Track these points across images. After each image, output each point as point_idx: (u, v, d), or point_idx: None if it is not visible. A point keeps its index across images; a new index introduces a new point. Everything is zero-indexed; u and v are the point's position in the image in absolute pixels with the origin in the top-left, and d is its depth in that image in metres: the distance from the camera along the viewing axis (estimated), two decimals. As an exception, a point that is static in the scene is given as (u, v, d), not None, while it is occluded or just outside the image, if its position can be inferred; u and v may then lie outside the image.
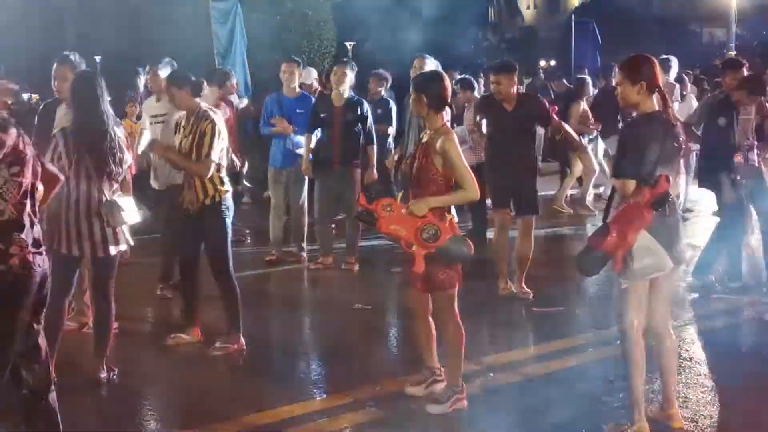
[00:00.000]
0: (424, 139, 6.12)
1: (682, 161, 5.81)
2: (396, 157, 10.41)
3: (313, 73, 14.39)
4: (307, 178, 10.67)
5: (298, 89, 10.83)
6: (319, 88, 13.72)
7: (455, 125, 12.03)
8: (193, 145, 7.28)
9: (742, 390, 6.61)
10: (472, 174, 6.01)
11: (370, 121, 10.47)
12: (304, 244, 10.92)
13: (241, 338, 7.51)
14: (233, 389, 6.80)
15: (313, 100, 10.93)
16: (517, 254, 9.17)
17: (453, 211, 6.23)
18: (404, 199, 6.06)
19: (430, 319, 6.35)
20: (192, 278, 7.68)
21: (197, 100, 7.43)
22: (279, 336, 8.40)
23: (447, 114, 6.35)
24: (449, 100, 6.24)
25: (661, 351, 5.83)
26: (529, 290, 9.10)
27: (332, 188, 10.48)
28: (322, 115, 10.34)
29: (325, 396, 6.61)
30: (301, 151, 10.41)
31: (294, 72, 10.62)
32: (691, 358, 7.27)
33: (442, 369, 6.41)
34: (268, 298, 9.66)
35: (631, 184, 5.48)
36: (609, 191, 6.34)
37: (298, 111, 10.54)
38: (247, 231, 12.48)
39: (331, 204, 10.77)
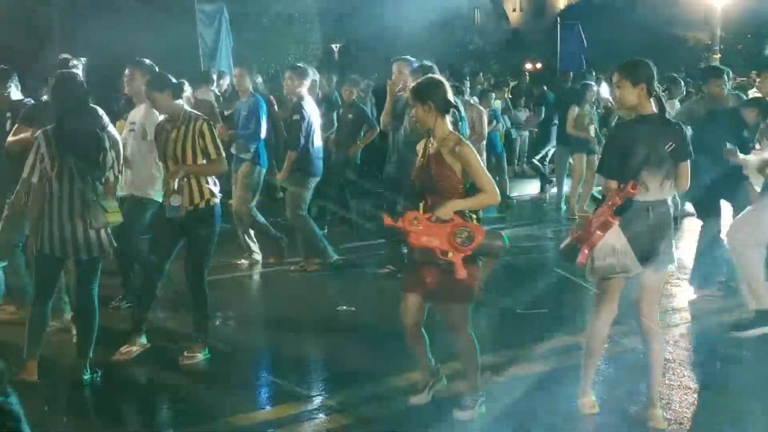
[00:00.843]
0: (431, 149, 5.93)
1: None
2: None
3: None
4: (251, 182, 10.60)
5: (248, 94, 10.66)
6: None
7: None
8: (191, 148, 7.18)
9: (725, 392, 6.64)
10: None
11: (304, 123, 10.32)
12: (254, 246, 10.83)
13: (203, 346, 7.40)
14: (211, 394, 6.76)
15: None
16: None
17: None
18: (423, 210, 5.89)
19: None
20: (155, 288, 7.53)
21: (179, 102, 7.32)
22: (255, 341, 8.30)
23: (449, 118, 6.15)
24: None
25: (648, 351, 5.93)
26: None
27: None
28: None
29: (304, 399, 6.55)
30: (245, 155, 10.39)
31: (244, 76, 10.57)
32: (674, 360, 7.26)
33: (438, 363, 6.36)
34: (239, 302, 9.47)
35: (613, 183, 5.58)
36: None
37: (243, 114, 10.47)
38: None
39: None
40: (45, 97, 7.92)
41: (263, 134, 10.50)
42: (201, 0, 18.30)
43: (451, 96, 5.96)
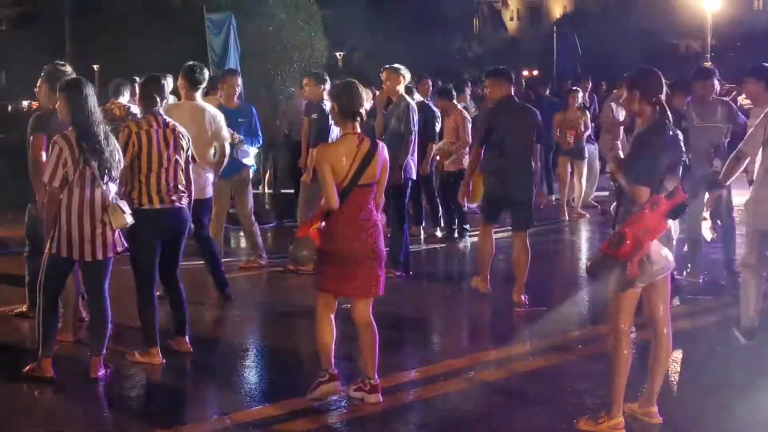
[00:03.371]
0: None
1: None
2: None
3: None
4: (251, 185, 10.75)
5: (237, 100, 10.70)
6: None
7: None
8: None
9: (724, 390, 6.60)
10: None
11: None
12: (263, 252, 10.75)
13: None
14: (199, 392, 6.78)
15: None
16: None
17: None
18: None
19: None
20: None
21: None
22: (235, 338, 8.30)
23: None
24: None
25: (657, 346, 5.83)
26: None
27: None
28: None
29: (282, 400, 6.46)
30: (248, 160, 10.39)
31: (234, 85, 10.60)
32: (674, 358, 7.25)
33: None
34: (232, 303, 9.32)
35: (645, 191, 5.49)
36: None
37: (240, 120, 10.41)
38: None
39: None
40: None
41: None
42: (209, 8, 18.29)
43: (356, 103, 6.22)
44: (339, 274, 6.15)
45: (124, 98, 9.65)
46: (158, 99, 7.23)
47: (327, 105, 10.28)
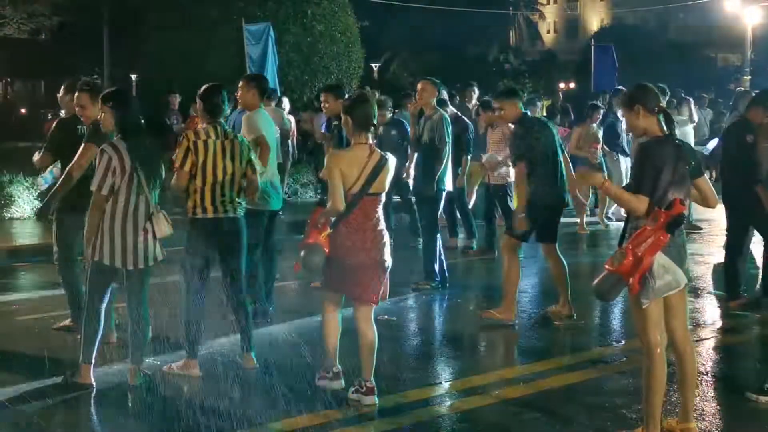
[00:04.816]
0: None
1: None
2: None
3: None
4: None
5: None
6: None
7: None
8: None
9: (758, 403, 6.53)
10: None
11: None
12: None
13: None
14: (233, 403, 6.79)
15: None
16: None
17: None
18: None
19: None
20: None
21: None
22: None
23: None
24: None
25: (683, 366, 5.76)
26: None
27: None
28: None
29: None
30: None
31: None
32: (707, 372, 7.22)
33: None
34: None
35: (643, 201, 5.50)
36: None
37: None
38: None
39: None
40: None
41: None
42: (247, 20, 18.44)
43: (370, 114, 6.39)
44: (345, 276, 6.29)
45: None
46: (219, 110, 7.20)
47: None
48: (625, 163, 14.67)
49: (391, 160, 6.39)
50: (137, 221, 6.64)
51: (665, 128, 5.70)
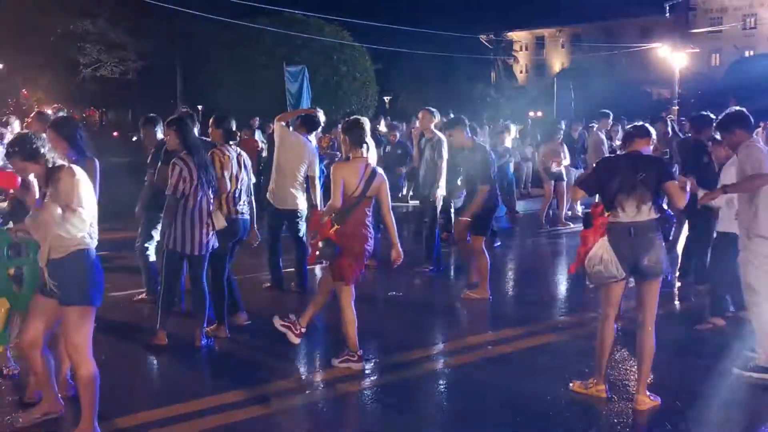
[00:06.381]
0: None
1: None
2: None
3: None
4: None
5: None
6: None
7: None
8: None
9: (711, 380, 6.15)
10: None
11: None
12: None
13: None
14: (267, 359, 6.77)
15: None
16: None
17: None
18: None
19: None
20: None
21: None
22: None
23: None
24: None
25: (641, 345, 5.51)
26: None
27: None
28: None
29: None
30: None
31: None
32: (664, 349, 6.91)
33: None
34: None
35: (578, 191, 5.64)
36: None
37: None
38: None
39: None
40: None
41: None
42: (288, 63, 18.41)
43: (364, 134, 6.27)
44: (353, 265, 6.20)
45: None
46: (230, 134, 7.36)
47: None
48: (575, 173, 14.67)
49: (380, 171, 6.29)
50: (202, 217, 6.64)
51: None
